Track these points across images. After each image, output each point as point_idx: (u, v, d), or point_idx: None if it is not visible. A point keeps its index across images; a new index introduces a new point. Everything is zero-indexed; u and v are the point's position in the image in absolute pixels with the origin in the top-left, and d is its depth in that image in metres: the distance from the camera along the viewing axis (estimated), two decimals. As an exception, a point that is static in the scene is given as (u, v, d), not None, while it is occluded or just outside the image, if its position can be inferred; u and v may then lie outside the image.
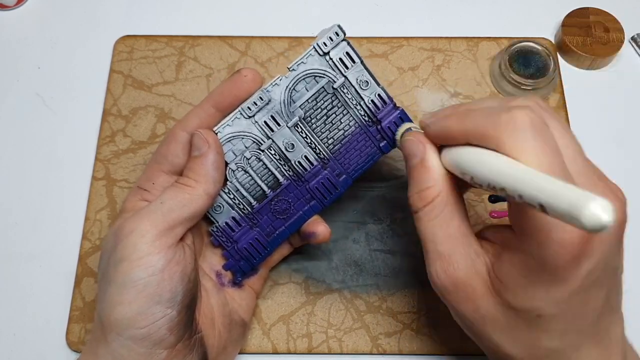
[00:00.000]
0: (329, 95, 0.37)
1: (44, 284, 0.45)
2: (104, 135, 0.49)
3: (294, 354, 0.42)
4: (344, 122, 0.38)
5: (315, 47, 0.36)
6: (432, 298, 0.44)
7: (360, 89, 0.37)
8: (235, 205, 0.38)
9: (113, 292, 0.32)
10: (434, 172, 0.32)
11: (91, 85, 0.51)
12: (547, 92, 0.50)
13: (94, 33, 0.54)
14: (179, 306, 0.33)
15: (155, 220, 0.32)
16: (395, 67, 0.51)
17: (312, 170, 0.38)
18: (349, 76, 0.37)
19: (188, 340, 0.33)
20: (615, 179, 0.48)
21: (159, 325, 0.32)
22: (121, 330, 0.31)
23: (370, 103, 0.37)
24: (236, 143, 0.37)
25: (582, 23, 0.52)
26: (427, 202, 0.32)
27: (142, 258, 0.32)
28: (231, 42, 0.52)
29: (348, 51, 0.37)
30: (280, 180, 0.38)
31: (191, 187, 0.34)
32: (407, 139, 0.33)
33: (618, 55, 0.52)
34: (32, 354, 0.43)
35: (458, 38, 0.53)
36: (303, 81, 0.37)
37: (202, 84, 0.51)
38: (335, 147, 0.38)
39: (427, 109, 0.50)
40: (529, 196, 0.24)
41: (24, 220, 0.47)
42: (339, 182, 0.38)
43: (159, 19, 0.55)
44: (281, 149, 0.37)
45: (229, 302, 0.38)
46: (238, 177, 0.38)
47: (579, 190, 0.22)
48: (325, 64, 0.37)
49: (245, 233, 0.38)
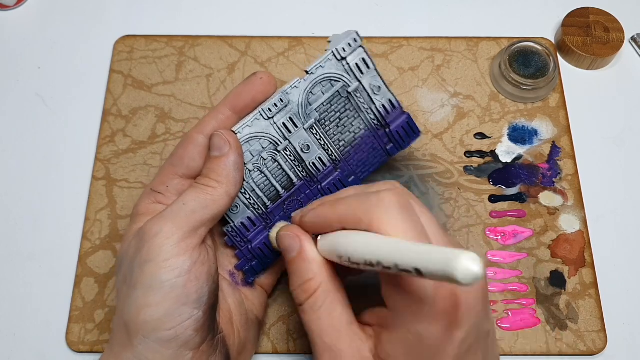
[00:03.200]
0: (343, 99, 0.39)
1: (44, 284, 0.45)
2: (104, 135, 0.49)
3: (294, 353, 0.42)
4: (355, 125, 0.39)
5: (334, 52, 0.37)
6: (432, 298, 0.44)
7: (373, 94, 0.39)
8: (250, 205, 0.38)
9: (139, 294, 0.32)
10: (313, 264, 0.32)
11: (91, 85, 0.51)
12: (547, 92, 0.50)
13: (94, 33, 0.54)
14: (205, 306, 0.33)
15: (179, 222, 0.32)
16: (395, 67, 0.51)
17: (324, 171, 0.39)
18: (363, 81, 0.38)
19: (212, 340, 0.33)
20: (615, 179, 0.49)
21: (186, 326, 0.32)
22: (148, 332, 0.31)
23: (381, 108, 0.39)
24: (253, 144, 0.37)
25: (582, 23, 0.52)
26: (309, 294, 0.32)
27: (168, 260, 0.32)
28: (231, 42, 0.52)
29: (364, 57, 0.38)
30: (294, 181, 0.39)
31: (213, 187, 0.34)
32: (282, 234, 0.34)
33: (618, 55, 0.52)
34: (32, 354, 0.43)
35: (458, 38, 0.53)
36: (320, 85, 0.38)
37: (202, 84, 0.51)
38: (346, 149, 0.39)
39: (427, 109, 0.50)
40: (405, 263, 0.25)
41: (24, 220, 0.47)
42: (349, 183, 0.40)
43: (159, 19, 0.55)
44: (297, 150, 0.38)
45: (244, 301, 0.38)
46: (254, 178, 0.38)
47: (449, 249, 0.24)
48: (341, 69, 0.38)
49: (259, 233, 0.39)
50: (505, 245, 0.45)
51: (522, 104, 0.50)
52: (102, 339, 0.43)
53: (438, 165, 0.48)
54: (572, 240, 0.45)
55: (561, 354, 0.42)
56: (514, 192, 0.47)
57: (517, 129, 0.49)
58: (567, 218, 0.46)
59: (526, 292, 0.44)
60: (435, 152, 0.48)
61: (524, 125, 0.49)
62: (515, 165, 0.48)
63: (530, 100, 0.50)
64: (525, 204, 0.47)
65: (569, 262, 0.45)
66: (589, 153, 0.49)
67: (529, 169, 0.48)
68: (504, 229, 0.46)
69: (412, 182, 0.47)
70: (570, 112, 0.50)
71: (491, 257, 0.45)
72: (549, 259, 0.45)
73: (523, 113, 0.50)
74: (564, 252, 0.45)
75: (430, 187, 0.47)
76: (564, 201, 0.47)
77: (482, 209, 0.46)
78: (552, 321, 0.43)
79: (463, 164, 0.48)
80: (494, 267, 0.45)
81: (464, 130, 0.49)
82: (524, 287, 0.44)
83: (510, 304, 0.44)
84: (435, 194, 0.47)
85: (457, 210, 0.46)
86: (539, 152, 0.48)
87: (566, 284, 0.44)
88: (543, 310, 0.43)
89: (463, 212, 0.46)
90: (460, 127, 0.49)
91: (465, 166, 0.48)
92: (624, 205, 0.47)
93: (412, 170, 0.48)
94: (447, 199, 0.47)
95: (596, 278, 0.44)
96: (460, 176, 0.48)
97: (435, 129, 0.49)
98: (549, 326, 0.43)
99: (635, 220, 0.47)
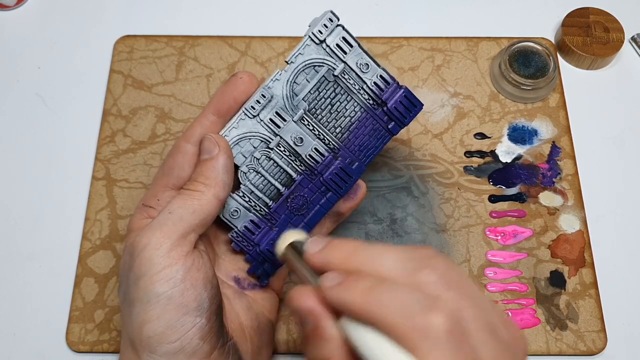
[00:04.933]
0: (330, 83, 0.37)
1: (44, 284, 0.45)
2: (104, 135, 0.49)
3: (294, 353, 0.42)
4: (350, 109, 0.37)
5: (310, 36, 0.36)
6: (432, 298, 0.44)
7: (362, 72, 0.37)
8: (251, 208, 0.37)
9: (138, 310, 0.31)
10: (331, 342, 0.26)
11: (91, 85, 0.51)
12: (547, 92, 0.50)
13: (94, 33, 0.54)
14: (208, 313, 0.32)
15: (167, 231, 0.32)
16: (395, 67, 0.51)
17: (324, 162, 0.37)
18: (348, 61, 0.36)
19: (222, 348, 0.33)
20: (615, 179, 0.49)
21: (191, 335, 0.31)
22: (154, 348, 0.31)
23: (374, 85, 0.37)
24: (244, 145, 0.36)
25: (582, 23, 0.52)
26: None
27: (160, 272, 0.31)
28: (231, 42, 0.52)
29: (344, 36, 0.36)
30: (293, 177, 0.37)
31: (200, 191, 0.33)
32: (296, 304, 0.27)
33: (618, 55, 0.52)
34: (32, 354, 0.43)
35: (458, 38, 0.53)
36: (303, 73, 0.36)
37: (202, 84, 0.51)
38: (344, 135, 0.38)
39: (427, 109, 0.50)
40: None
41: (24, 220, 0.47)
42: (352, 170, 0.38)
43: (159, 19, 0.55)
44: (290, 145, 0.37)
45: (252, 305, 0.38)
46: (251, 179, 0.37)
47: None
48: (323, 52, 0.36)
49: (265, 234, 0.38)
50: (505, 245, 0.45)
51: (522, 104, 0.50)
52: (102, 339, 0.43)
53: (438, 165, 0.48)
54: (572, 240, 0.45)
55: (561, 354, 0.42)
56: (514, 192, 0.47)
57: (517, 129, 0.49)
58: (567, 218, 0.46)
59: (526, 292, 0.44)
60: (435, 152, 0.48)
61: (524, 125, 0.49)
62: (515, 165, 0.48)
63: (530, 100, 0.50)
64: (525, 204, 0.47)
65: (569, 262, 0.45)
66: (589, 153, 0.49)
67: (529, 169, 0.48)
68: (504, 229, 0.46)
69: (412, 182, 0.47)
70: (570, 112, 0.50)
71: (491, 257, 0.45)
72: (549, 259, 0.45)
73: (523, 113, 0.50)
74: (564, 252, 0.45)
75: (430, 187, 0.47)
76: (564, 201, 0.47)
77: (482, 209, 0.46)
78: (552, 321, 0.43)
79: (463, 164, 0.48)
80: (494, 267, 0.45)
81: (464, 130, 0.49)
82: (524, 287, 0.44)
83: (510, 304, 0.44)
84: (435, 194, 0.47)
85: (457, 210, 0.46)
86: (539, 152, 0.48)
87: (566, 284, 0.44)
88: (543, 310, 0.43)
89: (463, 212, 0.46)
90: (460, 127, 0.49)
91: (465, 166, 0.48)
92: (623, 205, 0.47)
93: (412, 170, 0.48)
94: (447, 199, 0.47)
95: (596, 278, 0.44)
96: (460, 176, 0.48)
97: (435, 129, 0.49)
98: (549, 326, 0.43)
99: (635, 220, 0.47)
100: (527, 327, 0.43)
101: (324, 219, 0.40)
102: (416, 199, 0.47)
